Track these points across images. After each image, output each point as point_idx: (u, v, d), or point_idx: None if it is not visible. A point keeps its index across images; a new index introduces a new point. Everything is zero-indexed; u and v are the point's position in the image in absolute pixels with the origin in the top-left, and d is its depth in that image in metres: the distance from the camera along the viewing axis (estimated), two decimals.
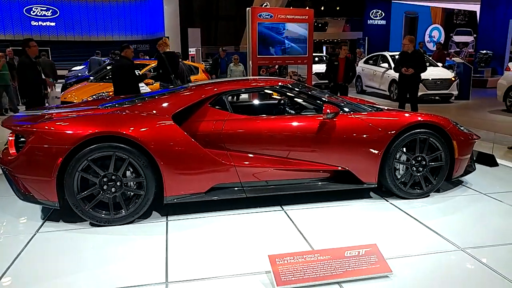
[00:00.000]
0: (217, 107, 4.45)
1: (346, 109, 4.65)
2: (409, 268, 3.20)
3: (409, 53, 8.84)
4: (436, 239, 3.72)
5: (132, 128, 3.91)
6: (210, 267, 3.23)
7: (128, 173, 3.99)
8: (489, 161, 5.58)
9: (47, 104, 7.85)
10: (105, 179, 3.90)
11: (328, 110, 4.37)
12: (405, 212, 4.33)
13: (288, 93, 4.88)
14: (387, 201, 4.63)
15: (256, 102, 5.95)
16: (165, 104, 4.38)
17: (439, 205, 4.53)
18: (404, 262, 3.28)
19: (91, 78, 12.64)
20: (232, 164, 4.20)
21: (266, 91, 5.10)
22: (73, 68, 21.68)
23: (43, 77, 7.56)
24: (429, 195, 4.72)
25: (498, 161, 5.96)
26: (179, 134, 4.06)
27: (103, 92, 9.87)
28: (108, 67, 12.78)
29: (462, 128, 4.92)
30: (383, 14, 29.31)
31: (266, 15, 10.61)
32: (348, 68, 10.08)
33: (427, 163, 4.61)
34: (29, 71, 7.19)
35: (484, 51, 19.23)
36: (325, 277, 2.95)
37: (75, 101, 9.22)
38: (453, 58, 16.36)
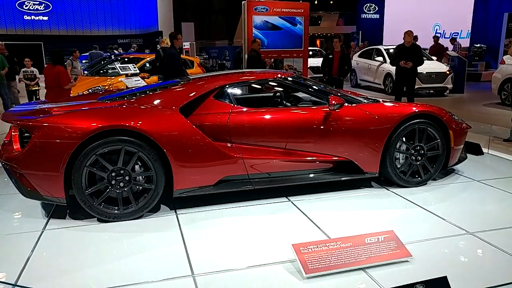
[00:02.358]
0: (221, 99, 4.41)
1: (348, 101, 4.69)
2: (426, 253, 3.29)
3: (406, 47, 8.86)
4: (444, 224, 3.83)
5: (142, 122, 3.85)
6: (233, 258, 3.24)
7: (136, 167, 3.93)
8: (475, 150, 5.71)
9: None
10: (113, 174, 3.83)
11: (333, 101, 4.39)
12: (407, 199, 4.43)
13: (290, 85, 4.90)
14: (388, 189, 4.73)
15: (255, 94, 5.93)
16: (171, 97, 4.33)
17: (438, 192, 4.68)
18: (420, 247, 3.36)
19: (86, 72, 12.60)
20: (240, 157, 4.18)
21: (264, 83, 5.12)
22: (66, 63, 21.53)
23: None
24: (426, 183, 4.84)
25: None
26: (188, 127, 4.02)
27: (99, 86, 9.84)
28: (103, 62, 12.74)
29: (456, 118, 5.04)
30: (377, 8, 29.24)
31: (262, 8, 10.59)
32: (343, 62, 10.06)
33: (425, 152, 4.70)
34: (176, 60, 8.18)
35: (478, 45, 19.29)
36: (350, 263, 3.01)
37: (70, 94, 9.16)
38: (447, 52, 16.36)
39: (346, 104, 4.56)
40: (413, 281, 2.54)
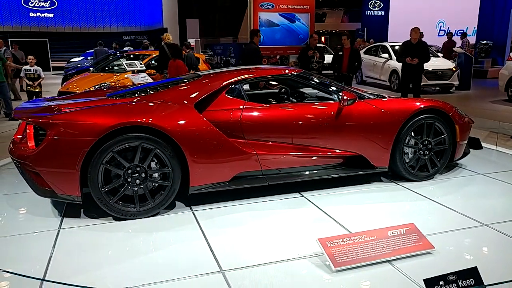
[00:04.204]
0: (233, 96, 4.38)
1: (359, 96, 4.71)
2: (447, 244, 3.32)
3: (413, 44, 8.83)
4: (457, 216, 3.88)
5: (159, 118, 3.81)
6: (258, 253, 3.24)
7: (152, 164, 3.90)
8: (475, 144, 5.74)
9: None
10: (129, 171, 3.79)
11: (346, 97, 4.40)
12: (419, 193, 4.49)
13: (298, 81, 4.88)
14: (398, 184, 4.76)
15: (261, 91, 5.93)
16: (184, 94, 4.29)
17: (446, 186, 4.74)
18: (439, 239, 3.39)
19: (91, 69, 12.62)
20: (254, 153, 4.18)
21: (273, 79, 5.12)
22: (72, 60, 21.65)
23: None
24: (433, 177, 4.89)
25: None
26: (203, 124, 3.99)
27: (105, 83, 9.84)
28: (110, 58, 12.79)
29: (461, 112, 5.09)
30: (382, 5, 29.15)
31: (267, 5, 10.58)
32: (353, 59, 10.01)
33: (433, 146, 4.75)
34: (256, 55, 8.91)
35: (485, 42, 19.20)
36: (376, 256, 3.04)
37: (77, 91, 9.18)
38: (453, 48, 16.30)
39: (357, 100, 4.57)
40: (439, 272, 2.52)
